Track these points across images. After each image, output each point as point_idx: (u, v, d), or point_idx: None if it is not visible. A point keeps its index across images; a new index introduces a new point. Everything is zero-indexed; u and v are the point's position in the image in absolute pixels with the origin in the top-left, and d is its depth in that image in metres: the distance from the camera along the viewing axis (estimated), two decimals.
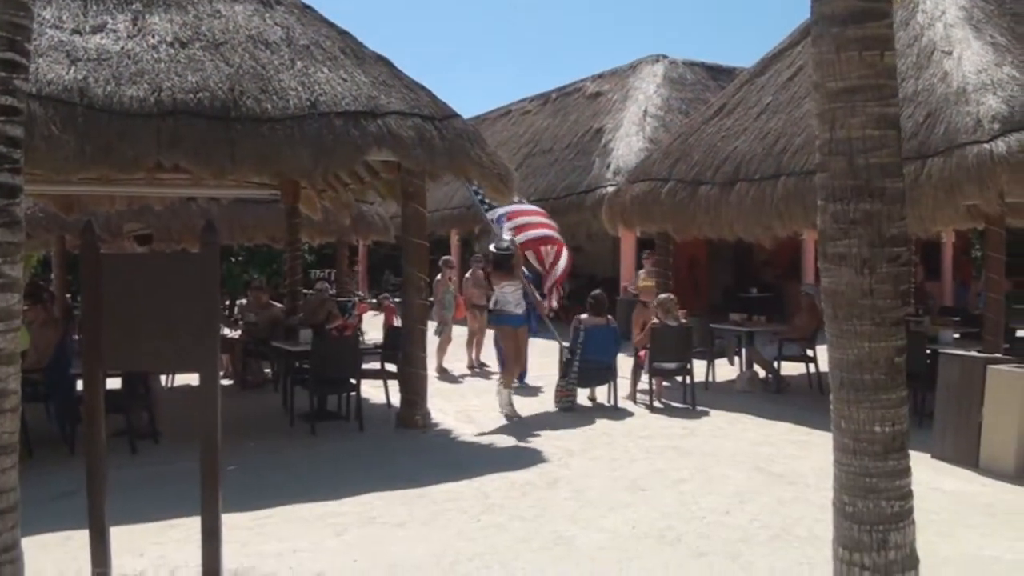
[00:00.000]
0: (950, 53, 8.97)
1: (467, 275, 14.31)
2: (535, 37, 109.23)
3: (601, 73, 23.46)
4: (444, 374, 12.88)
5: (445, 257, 16.14)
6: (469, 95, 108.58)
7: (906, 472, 2.71)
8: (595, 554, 5.25)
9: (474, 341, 13.65)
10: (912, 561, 2.72)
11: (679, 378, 10.52)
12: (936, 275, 21.10)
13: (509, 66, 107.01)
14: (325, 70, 8.71)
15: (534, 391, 11.24)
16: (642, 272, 14.81)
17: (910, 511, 2.73)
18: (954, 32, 9.35)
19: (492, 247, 10.48)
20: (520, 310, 10.15)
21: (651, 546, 5.41)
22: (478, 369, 13.35)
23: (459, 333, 13.84)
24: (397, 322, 13.27)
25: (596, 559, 5.17)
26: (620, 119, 20.28)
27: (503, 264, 10.15)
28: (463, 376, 12.89)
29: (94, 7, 8.23)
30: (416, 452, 8.04)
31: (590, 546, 5.39)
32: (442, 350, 13.26)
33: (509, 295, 10.03)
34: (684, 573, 4.98)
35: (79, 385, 7.05)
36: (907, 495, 2.72)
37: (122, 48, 7.89)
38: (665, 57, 22.13)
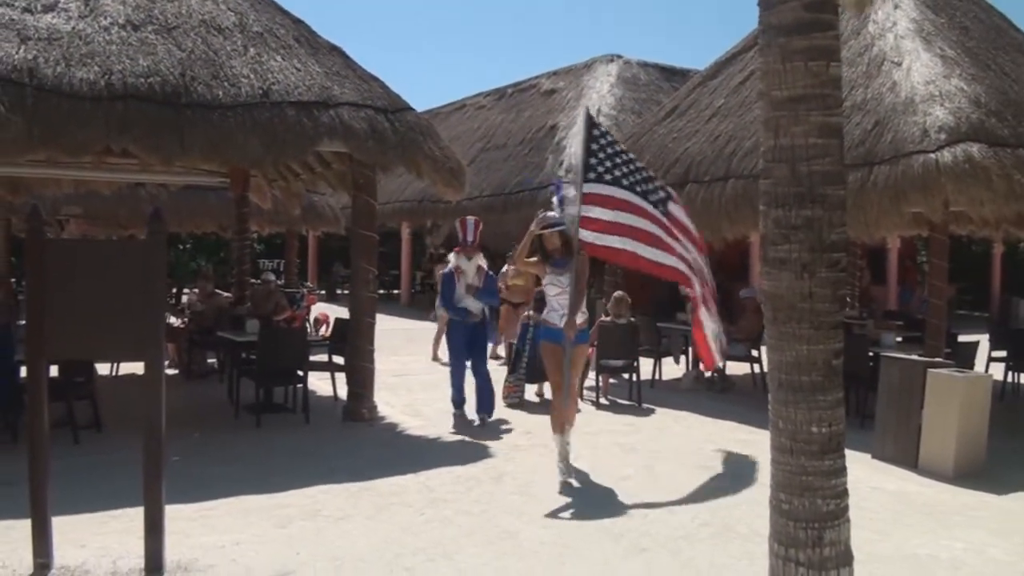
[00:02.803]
0: (899, 64, 9.17)
1: (505, 268, 12.39)
2: (493, 31, 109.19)
3: (556, 70, 23.56)
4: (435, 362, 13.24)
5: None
6: (423, 88, 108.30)
7: (842, 471, 2.79)
8: (538, 548, 5.29)
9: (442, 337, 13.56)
10: (847, 558, 2.80)
11: (626, 375, 10.63)
12: (882, 279, 21.57)
13: (465, 60, 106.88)
14: (278, 58, 8.64)
15: None
16: (510, 269, 11.96)
17: (845, 509, 2.81)
18: (904, 43, 9.56)
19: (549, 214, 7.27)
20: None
21: (594, 541, 5.47)
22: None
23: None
24: (313, 313, 13.30)
25: (539, 553, 5.21)
26: (574, 117, 20.36)
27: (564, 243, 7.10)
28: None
29: None
30: (362, 445, 8.01)
31: (534, 540, 5.44)
32: (437, 341, 13.29)
33: (554, 298, 7.13)
34: (626, 568, 5.04)
35: (23, 372, 6.94)
36: (842, 494, 2.79)
37: (73, 28, 7.74)
38: (620, 57, 22.30)
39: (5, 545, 4.95)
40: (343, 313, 10.71)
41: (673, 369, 12.47)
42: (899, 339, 10.46)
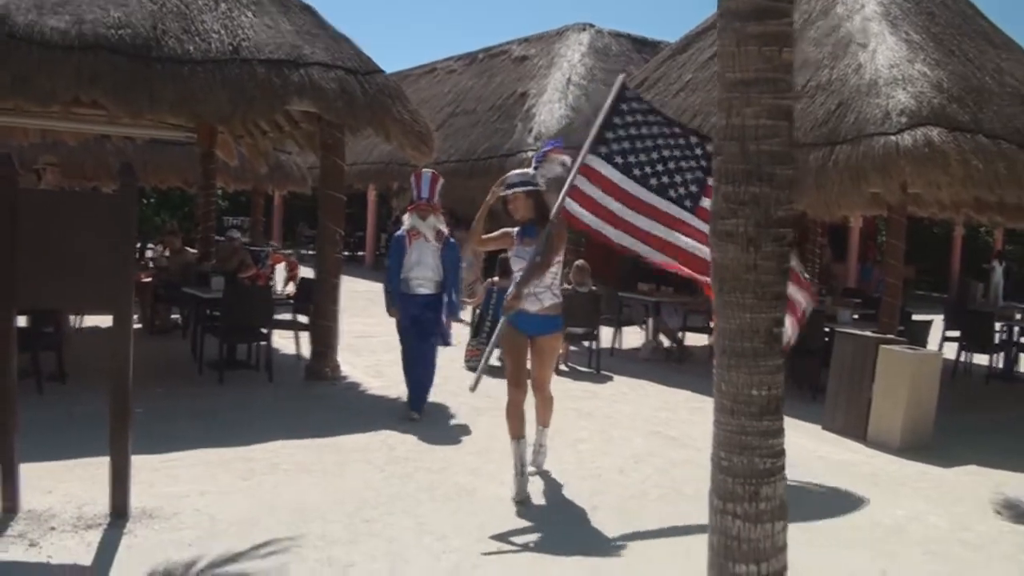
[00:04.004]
0: (865, 46, 9.35)
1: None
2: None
3: (528, 37, 23.52)
4: None
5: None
6: (394, 50, 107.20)
7: (779, 432, 2.98)
8: (494, 504, 5.48)
9: None
10: (781, 513, 3.00)
11: (586, 343, 10.82)
12: (843, 257, 21.96)
13: (437, 23, 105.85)
14: (249, 14, 8.63)
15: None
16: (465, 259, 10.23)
17: (781, 468, 3.00)
18: (871, 26, 9.74)
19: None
20: (541, 304, 5.79)
21: (545, 498, 5.67)
22: None
23: None
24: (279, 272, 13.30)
25: (495, 509, 5.39)
26: (544, 85, 20.43)
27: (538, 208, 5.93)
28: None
29: None
30: (324, 403, 8.14)
31: (490, 497, 5.62)
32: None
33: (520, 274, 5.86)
34: (576, 525, 5.24)
35: None
36: (779, 453, 2.98)
37: None
38: (592, 26, 22.33)
39: None
40: (308, 274, 10.75)
41: (634, 338, 12.69)
42: (855, 316, 10.73)
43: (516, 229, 5.97)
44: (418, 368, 7.84)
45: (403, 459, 6.42)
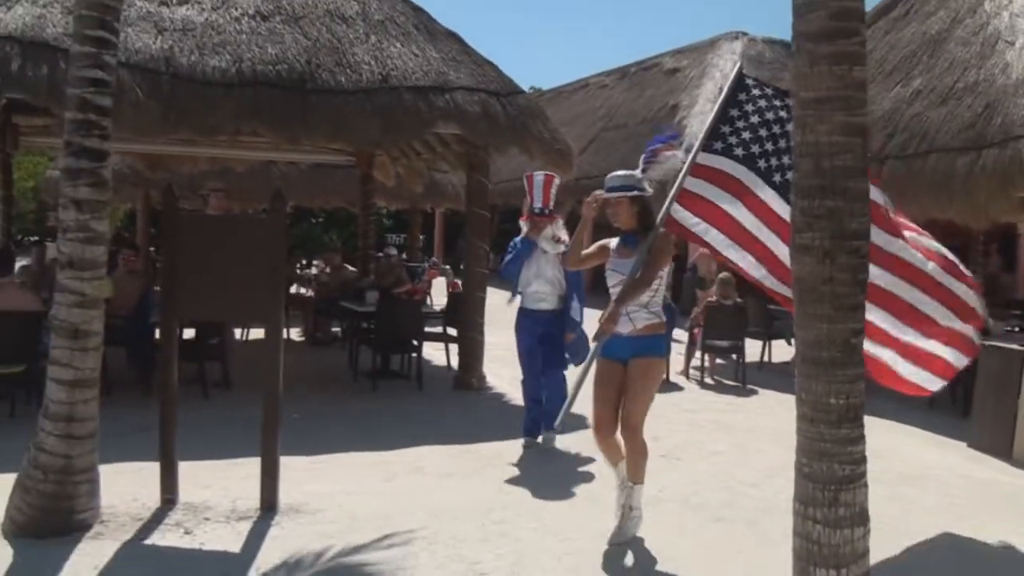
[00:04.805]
0: (1012, 43, 8.96)
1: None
2: (620, 9, 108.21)
3: (680, 49, 23.44)
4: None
5: None
6: (550, 67, 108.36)
7: (859, 440, 3.02)
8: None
9: None
10: (861, 519, 3.04)
11: (733, 356, 10.77)
12: (1012, 267, 20.69)
13: (591, 39, 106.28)
14: (398, 44, 9.13)
15: None
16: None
17: (861, 475, 3.04)
18: (1019, 22, 9.31)
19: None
20: (634, 325, 5.00)
21: (674, 508, 5.75)
22: None
23: None
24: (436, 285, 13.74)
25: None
26: (696, 96, 20.32)
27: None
28: None
29: None
30: (468, 412, 8.48)
31: (614, 504, 5.74)
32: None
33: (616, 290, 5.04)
34: (701, 533, 5.31)
35: (156, 333, 7.67)
36: (859, 460, 3.03)
37: (206, 20, 8.44)
38: (745, 34, 22.05)
39: (137, 483, 5.59)
40: None
41: (785, 352, 12.48)
42: (1009, 328, 10.19)
43: (614, 240, 5.21)
44: (547, 389, 7.15)
45: (536, 465, 6.65)
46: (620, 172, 5.19)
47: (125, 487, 5.47)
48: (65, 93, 4.92)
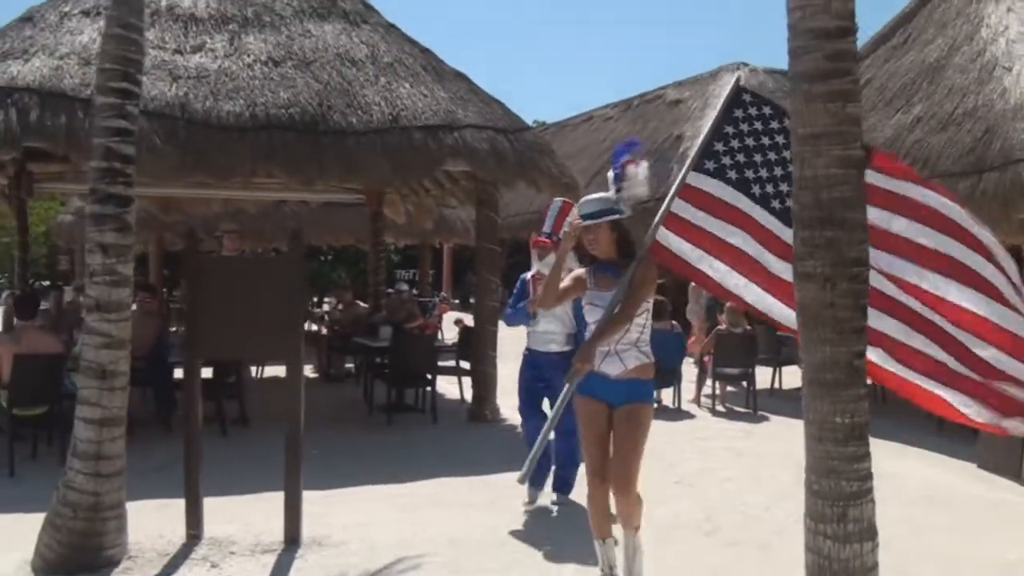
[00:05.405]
0: (1010, 69, 9.14)
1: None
2: (624, 44, 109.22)
3: (682, 80, 23.72)
4: None
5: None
6: (554, 101, 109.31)
7: (864, 457, 3.16)
8: None
9: None
10: (870, 534, 3.17)
11: (744, 383, 10.87)
12: None
13: (595, 71, 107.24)
14: (407, 85, 9.35)
15: None
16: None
17: (868, 491, 3.17)
18: (1016, 48, 9.51)
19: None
20: (624, 366, 4.52)
21: (688, 534, 5.85)
22: None
23: None
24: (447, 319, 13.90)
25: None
26: (699, 127, 20.49)
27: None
28: None
29: (194, 28, 9.11)
30: (483, 444, 8.58)
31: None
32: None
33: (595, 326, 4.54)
34: (715, 558, 5.40)
35: (175, 372, 7.83)
36: (865, 477, 3.16)
37: (220, 67, 8.69)
38: (746, 65, 22.31)
39: (162, 519, 5.71)
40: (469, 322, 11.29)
41: (794, 379, 12.54)
42: None
43: (586, 269, 4.65)
44: (557, 438, 6.30)
45: (551, 496, 6.74)
46: (594, 196, 4.67)
47: (150, 523, 5.58)
48: (85, 142, 5.11)
